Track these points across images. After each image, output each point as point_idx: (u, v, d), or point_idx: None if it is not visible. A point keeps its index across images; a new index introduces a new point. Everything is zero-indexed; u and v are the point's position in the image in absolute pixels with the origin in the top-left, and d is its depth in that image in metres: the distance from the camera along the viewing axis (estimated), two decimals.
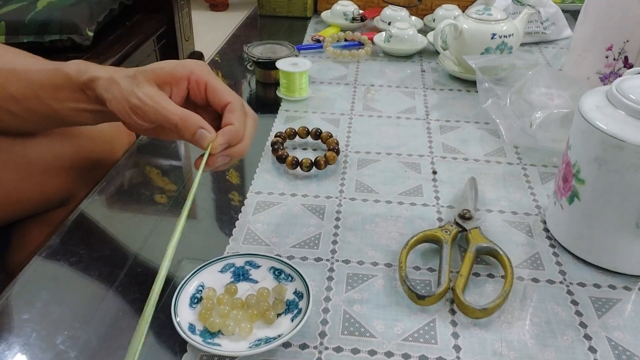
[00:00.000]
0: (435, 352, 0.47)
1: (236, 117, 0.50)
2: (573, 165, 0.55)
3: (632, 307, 0.52)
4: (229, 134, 0.49)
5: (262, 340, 0.46)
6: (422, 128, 0.81)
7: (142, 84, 0.48)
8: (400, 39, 1.04)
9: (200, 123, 0.48)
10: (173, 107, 0.48)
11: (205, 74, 0.50)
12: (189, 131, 0.48)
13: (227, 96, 0.50)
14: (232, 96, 0.51)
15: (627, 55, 0.76)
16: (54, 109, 0.53)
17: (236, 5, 3.90)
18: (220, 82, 0.51)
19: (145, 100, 0.48)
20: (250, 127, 0.52)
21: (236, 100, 0.50)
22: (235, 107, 0.50)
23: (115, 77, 0.49)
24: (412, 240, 0.56)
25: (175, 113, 0.48)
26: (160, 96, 0.48)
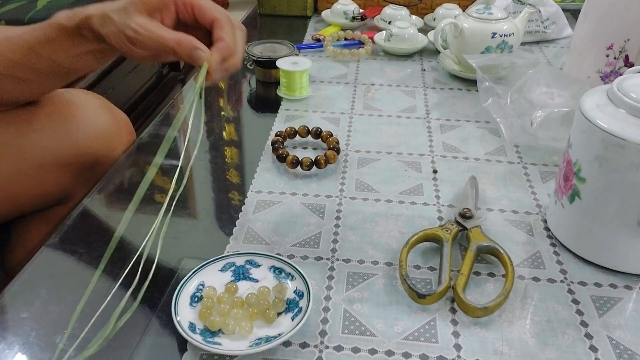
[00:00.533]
0: (435, 351, 0.46)
1: (226, 32, 0.52)
2: (574, 164, 0.54)
3: (633, 306, 0.51)
4: (222, 49, 0.51)
5: (262, 339, 0.46)
6: (422, 127, 0.81)
7: (134, 15, 0.50)
8: (401, 38, 1.04)
9: (194, 44, 0.50)
10: (167, 33, 0.50)
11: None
12: (185, 53, 0.50)
13: (213, 13, 0.52)
14: (219, 12, 0.53)
15: (628, 54, 0.76)
16: (57, 62, 0.55)
17: (236, 4, 3.89)
18: (204, 2, 0.53)
19: (139, 30, 0.50)
20: (240, 39, 0.54)
21: (223, 16, 0.53)
22: (223, 22, 0.52)
23: (107, 12, 0.50)
24: (413, 239, 0.56)
25: (170, 38, 0.50)
26: (152, 24, 0.50)
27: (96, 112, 0.71)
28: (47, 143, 0.66)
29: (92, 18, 0.51)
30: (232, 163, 0.75)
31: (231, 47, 0.52)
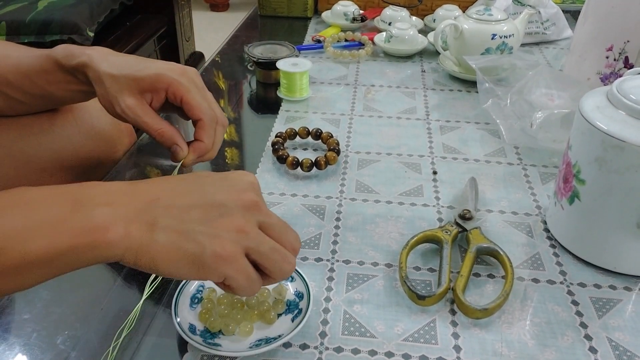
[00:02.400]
0: (435, 353, 0.47)
1: (206, 134, 0.54)
2: (573, 165, 0.55)
3: (632, 307, 0.52)
4: (199, 150, 0.54)
5: (262, 341, 0.46)
6: (422, 128, 0.81)
7: (124, 93, 0.52)
8: (401, 39, 1.04)
9: (174, 139, 0.53)
10: (151, 121, 0.52)
11: (182, 88, 0.53)
12: (165, 144, 0.53)
13: (199, 113, 0.53)
14: (204, 112, 0.54)
15: (628, 55, 0.76)
16: (48, 91, 0.57)
17: (237, 5, 3.90)
18: (194, 97, 0.53)
19: (127, 111, 0.52)
20: (219, 136, 0.56)
21: (207, 116, 0.54)
22: (205, 124, 0.54)
23: (101, 74, 0.52)
24: (413, 240, 0.56)
25: (153, 127, 0.52)
26: (140, 108, 0.52)
27: (98, 115, 0.71)
28: (49, 146, 0.66)
29: (88, 68, 0.53)
30: (232, 164, 0.75)
31: (208, 148, 0.54)
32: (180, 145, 0.53)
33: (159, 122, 0.53)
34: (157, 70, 0.53)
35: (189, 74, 0.55)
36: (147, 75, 0.52)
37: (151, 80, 0.52)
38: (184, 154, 0.53)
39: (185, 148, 0.53)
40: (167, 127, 0.53)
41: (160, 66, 0.54)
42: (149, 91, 0.53)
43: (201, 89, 0.55)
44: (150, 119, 0.53)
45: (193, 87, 0.54)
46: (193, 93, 0.53)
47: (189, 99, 0.53)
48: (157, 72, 0.53)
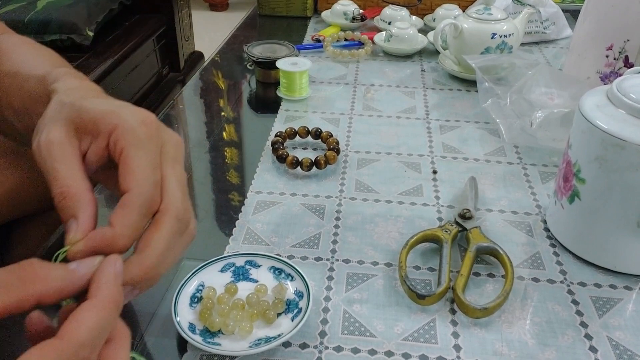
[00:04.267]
0: (435, 352, 0.46)
1: (122, 215, 0.35)
2: (573, 164, 0.54)
3: (633, 306, 0.51)
4: (96, 240, 0.34)
5: (262, 340, 0.46)
6: (422, 128, 0.81)
7: (55, 124, 0.37)
8: (401, 39, 1.04)
9: (76, 211, 0.35)
10: (64, 171, 0.36)
11: (127, 138, 0.37)
12: (62, 214, 0.36)
13: (130, 179, 0.36)
14: (137, 181, 0.35)
15: (628, 54, 0.76)
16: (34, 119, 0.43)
17: (236, 5, 3.90)
18: (138, 157, 0.36)
19: (41, 147, 0.36)
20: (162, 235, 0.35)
21: (137, 190, 0.35)
22: (129, 199, 0.35)
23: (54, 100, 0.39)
24: (412, 239, 0.56)
25: (59, 183, 0.36)
26: (60, 147, 0.36)
27: None
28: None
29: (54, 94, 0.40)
30: (232, 164, 0.75)
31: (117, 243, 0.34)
32: (78, 221, 0.35)
33: (72, 178, 0.36)
34: (109, 107, 0.38)
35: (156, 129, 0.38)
36: (93, 108, 0.37)
37: (96, 115, 0.37)
38: (75, 235, 0.34)
39: (82, 229, 0.34)
40: (77, 189, 0.35)
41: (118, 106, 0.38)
42: (89, 133, 0.37)
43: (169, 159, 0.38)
44: (64, 168, 0.36)
45: (147, 145, 0.37)
46: (140, 151, 0.36)
47: (129, 155, 0.36)
48: (109, 108, 0.38)
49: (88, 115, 0.37)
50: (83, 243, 0.34)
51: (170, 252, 0.36)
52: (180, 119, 0.87)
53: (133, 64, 1.76)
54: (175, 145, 0.39)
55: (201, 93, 0.96)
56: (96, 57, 1.59)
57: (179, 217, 0.37)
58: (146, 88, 1.88)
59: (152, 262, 0.35)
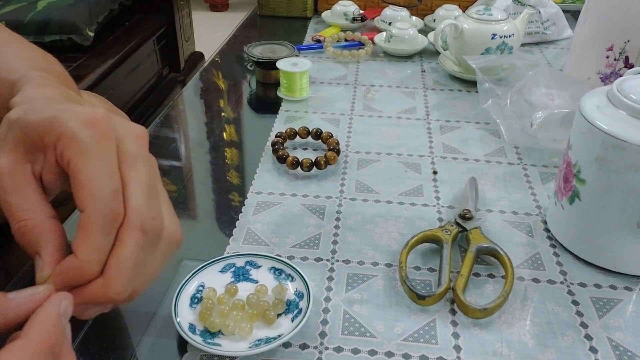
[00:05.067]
0: (435, 352, 0.46)
1: (82, 241, 0.31)
2: (574, 165, 0.54)
3: (633, 307, 0.51)
4: (64, 274, 0.31)
5: (262, 340, 0.46)
6: (422, 128, 0.81)
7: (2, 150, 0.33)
8: (401, 39, 1.04)
9: (37, 246, 0.32)
10: (18, 202, 0.32)
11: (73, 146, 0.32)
12: (26, 249, 0.33)
13: (83, 195, 0.31)
14: (92, 197, 0.31)
15: (628, 55, 0.76)
16: None
17: (236, 5, 3.90)
18: (86, 167, 0.31)
19: None
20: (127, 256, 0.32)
21: (94, 208, 0.31)
22: (87, 220, 0.31)
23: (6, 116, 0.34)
24: (413, 240, 0.56)
25: (14, 218, 0.32)
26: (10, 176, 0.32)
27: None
28: None
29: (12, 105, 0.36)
30: (232, 164, 0.75)
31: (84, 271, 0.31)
32: (42, 257, 0.32)
33: (28, 209, 0.32)
34: (52, 113, 0.32)
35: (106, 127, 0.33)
36: (36, 121, 0.32)
37: (40, 128, 0.32)
38: (42, 274, 0.32)
39: (48, 265, 0.32)
40: (36, 221, 0.32)
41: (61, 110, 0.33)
42: (38, 150, 0.33)
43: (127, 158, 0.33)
44: (18, 199, 0.32)
45: (97, 150, 0.32)
46: (89, 159, 0.31)
47: (78, 166, 0.31)
48: (51, 115, 0.32)
49: (32, 130, 0.32)
50: (52, 281, 0.31)
51: (142, 269, 0.33)
52: (180, 120, 0.87)
53: (133, 65, 1.76)
54: (136, 138, 0.34)
55: (201, 93, 0.96)
56: (96, 58, 1.60)
57: (145, 228, 0.32)
58: (146, 88, 1.89)
59: (117, 285, 0.32)
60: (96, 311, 0.34)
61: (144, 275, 0.34)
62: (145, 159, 0.34)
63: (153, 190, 0.34)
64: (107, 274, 0.32)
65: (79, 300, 0.32)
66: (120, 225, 0.32)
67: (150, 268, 0.34)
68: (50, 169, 0.33)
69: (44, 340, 0.28)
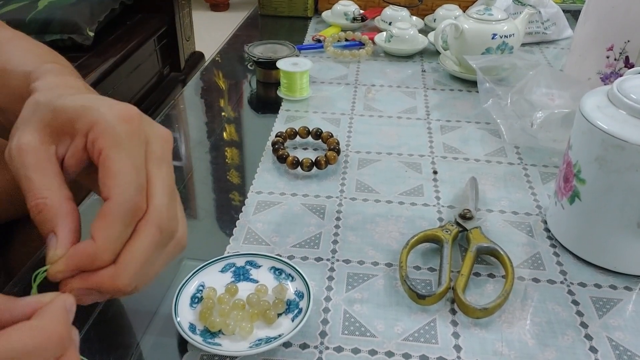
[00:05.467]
0: (435, 352, 0.47)
1: (103, 228, 0.32)
2: (574, 165, 0.54)
3: (633, 307, 0.52)
4: (78, 257, 0.32)
5: (262, 340, 0.46)
6: (422, 128, 0.81)
7: (28, 126, 0.34)
8: (401, 39, 1.04)
9: (54, 225, 0.32)
10: (39, 180, 0.33)
11: (107, 137, 0.33)
12: (40, 228, 0.33)
13: (111, 184, 0.32)
14: (119, 187, 0.32)
15: (628, 55, 0.76)
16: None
17: (237, 5, 3.90)
18: (119, 158, 0.33)
19: (13, 153, 0.33)
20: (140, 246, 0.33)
21: (119, 198, 0.32)
22: (111, 209, 0.32)
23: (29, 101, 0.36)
24: (413, 240, 0.56)
25: (33, 192, 0.33)
26: (34, 153, 0.33)
27: None
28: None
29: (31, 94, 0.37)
30: (232, 164, 0.75)
31: (99, 257, 0.32)
32: (58, 236, 0.32)
33: (48, 188, 0.33)
34: (86, 102, 0.34)
35: (138, 125, 0.34)
36: (69, 107, 0.34)
37: (73, 113, 0.34)
38: (55, 253, 0.32)
39: (63, 246, 0.32)
40: (54, 200, 0.33)
41: (95, 101, 0.34)
42: (66, 133, 0.34)
43: (154, 158, 0.34)
44: (39, 177, 0.33)
45: (129, 145, 0.33)
46: (121, 152, 0.33)
47: (110, 157, 0.33)
48: (85, 104, 0.34)
49: (63, 114, 0.34)
50: (64, 262, 0.32)
51: (150, 265, 0.34)
52: (181, 119, 0.87)
53: (134, 64, 1.76)
54: (163, 142, 0.35)
55: (202, 93, 0.96)
56: (97, 57, 1.60)
57: (162, 227, 0.33)
58: (147, 88, 1.89)
59: (126, 275, 0.32)
60: (95, 299, 0.34)
61: (150, 271, 0.34)
62: (169, 162, 0.36)
63: (174, 193, 0.35)
64: (119, 264, 0.32)
65: (86, 284, 0.32)
66: (140, 220, 0.33)
67: (157, 266, 0.35)
68: (75, 153, 0.34)
69: (55, 329, 0.27)
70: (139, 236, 0.33)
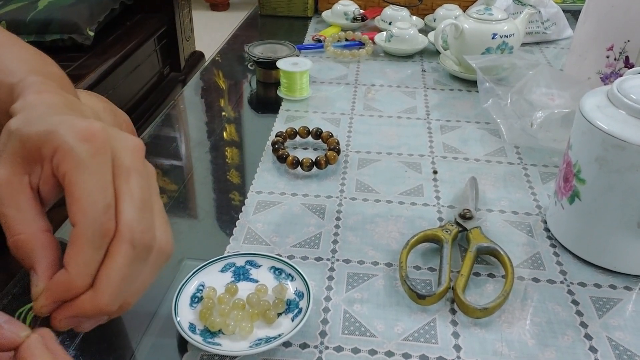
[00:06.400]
0: (435, 352, 0.47)
1: (73, 255, 0.32)
2: (574, 165, 0.54)
3: (632, 307, 0.52)
4: (55, 290, 0.32)
5: (262, 340, 0.46)
6: (422, 128, 0.81)
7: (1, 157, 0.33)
8: (401, 39, 1.04)
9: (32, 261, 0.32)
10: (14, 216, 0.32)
11: (68, 160, 0.32)
12: (22, 263, 0.33)
13: (75, 209, 0.31)
14: (84, 211, 0.31)
15: (628, 55, 0.76)
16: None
17: (237, 5, 3.90)
18: (80, 182, 0.32)
19: None
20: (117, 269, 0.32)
21: (85, 222, 0.31)
22: (78, 235, 0.31)
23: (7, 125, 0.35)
24: (413, 239, 0.56)
25: (10, 231, 0.32)
26: (6, 191, 0.33)
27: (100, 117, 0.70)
28: None
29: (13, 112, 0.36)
30: (232, 163, 0.75)
31: (74, 285, 0.32)
32: (37, 272, 0.32)
33: (23, 222, 0.32)
34: (49, 126, 0.33)
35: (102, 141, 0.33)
36: (34, 133, 0.33)
37: (38, 140, 0.33)
38: (37, 289, 0.32)
39: (43, 280, 0.32)
40: (30, 235, 0.32)
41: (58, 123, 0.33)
42: (36, 161, 0.33)
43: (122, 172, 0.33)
44: (14, 212, 0.32)
45: (92, 165, 0.32)
46: (84, 174, 0.32)
47: (72, 181, 0.32)
48: (48, 128, 0.33)
49: (29, 142, 0.33)
50: (44, 296, 0.32)
51: (132, 281, 0.33)
52: (181, 119, 0.87)
53: (134, 64, 1.76)
54: (132, 151, 0.34)
55: (202, 93, 0.96)
56: (97, 57, 1.60)
57: (135, 242, 0.33)
58: (147, 88, 1.89)
59: (106, 298, 0.32)
60: (92, 324, 0.35)
61: (134, 286, 0.34)
62: (140, 172, 0.34)
63: (146, 204, 0.34)
64: (96, 287, 0.32)
65: (69, 313, 0.33)
66: (112, 239, 0.32)
67: (141, 279, 0.34)
68: (47, 180, 0.33)
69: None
70: (112, 255, 0.32)
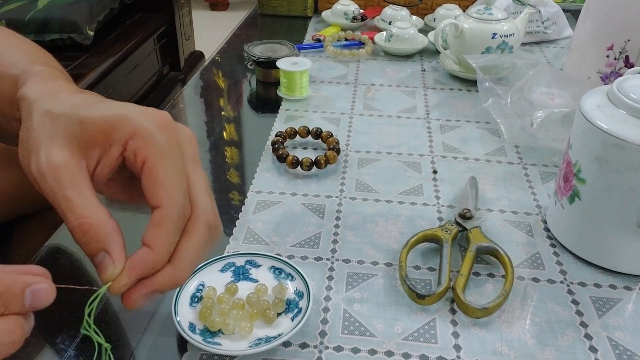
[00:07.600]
0: (435, 352, 0.47)
1: (160, 236, 0.34)
2: (574, 164, 0.54)
3: (632, 306, 0.52)
4: (139, 268, 0.33)
5: (262, 340, 0.46)
6: (422, 127, 0.81)
7: (54, 142, 0.33)
8: (401, 39, 1.04)
9: (104, 243, 0.33)
10: (78, 200, 0.32)
11: (150, 147, 0.34)
12: (87, 248, 0.33)
13: (161, 194, 0.33)
14: (169, 196, 0.34)
15: (628, 54, 0.76)
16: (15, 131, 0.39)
17: (236, 4, 3.90)
18: (164, 167, 0.34)
19: (45, 172, 0.32)
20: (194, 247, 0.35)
21: (171, 205, 0.34)
22: (165, 217, 0.34)
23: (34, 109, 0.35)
24: (413, 239, 0.56)
25: (74, 212, 0.32)
26: (68, 171, 0.33)
27: None
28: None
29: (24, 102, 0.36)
30: (232, 163, 0.75)
31: (158, 263, 0.34)
32: (111, 254, 0.33)
33: (89, 206, 0.32)
34: (117, 111, 0.34)
35: (175, 131, 0.35)
36: (100, 117, 0.33)
37: (105, 125, 0.33)
38: (114, 271, 0.33)
39: (120, 261, 0.33)
40: (98, 218, 0.33)
41: (126, 108, 0.35)
42: (97, 145, 0.34)
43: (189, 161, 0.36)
44: (77, 196, 0.32)
45: (171, 152, 0.34)
46: (166, 160, 0.34)
47: (156, 167, 0.33)
48: (118, 113, 0.34)
49: (94, 126, 0.33)
50: (126, 275, 0.33)
51: (203, 257, 0.37)
52: (180, 119, 0.87)
53: (133, 63, 1.76)
54: (192, 144, 0.37)
55: (201, 92, 0.96)
56: (97, 56, 1.60)
57: (210, 224, 0.36)
58: (147, 87, 1.89)
59: (184, 273, 0.35)
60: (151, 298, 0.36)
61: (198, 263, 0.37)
62: (200, 162, 0.38)
63: (210, 191, 0.37)
64: (175, 263, 0.35)
65: (148, 289, 0.35)
66: (188, 220, 0.35)
67: (204, 258, 0.37)
68: (109, 163, 0.35)
69: None
70: (191, 235, 0.35)
